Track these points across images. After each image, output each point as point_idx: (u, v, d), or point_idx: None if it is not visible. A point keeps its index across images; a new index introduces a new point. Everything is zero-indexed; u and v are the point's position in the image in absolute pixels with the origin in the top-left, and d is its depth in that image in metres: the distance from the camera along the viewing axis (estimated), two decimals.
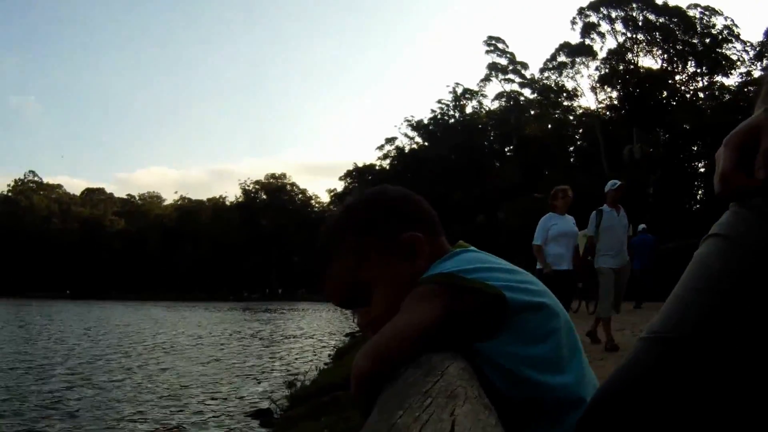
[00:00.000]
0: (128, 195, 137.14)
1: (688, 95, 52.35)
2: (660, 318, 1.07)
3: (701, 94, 52.36)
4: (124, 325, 34.35)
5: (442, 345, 1.16)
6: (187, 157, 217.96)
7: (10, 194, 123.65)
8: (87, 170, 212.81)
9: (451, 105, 78.22)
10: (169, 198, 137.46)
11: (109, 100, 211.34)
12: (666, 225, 41.63)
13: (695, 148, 51.69)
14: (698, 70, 52.25)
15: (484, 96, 75.76)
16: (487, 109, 75.97)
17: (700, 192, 53.19)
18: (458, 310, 1.18)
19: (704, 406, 0.99)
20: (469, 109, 77.87)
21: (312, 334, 28.02)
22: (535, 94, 65.19)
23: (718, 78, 51.90)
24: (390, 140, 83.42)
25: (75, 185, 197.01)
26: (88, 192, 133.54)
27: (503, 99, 72.26)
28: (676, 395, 1.00)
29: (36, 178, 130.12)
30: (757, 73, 49.14)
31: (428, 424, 0.67)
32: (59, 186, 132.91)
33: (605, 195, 9.43)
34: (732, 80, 50.97)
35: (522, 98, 69.37)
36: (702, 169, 52.49)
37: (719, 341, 0.98)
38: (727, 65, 50.57)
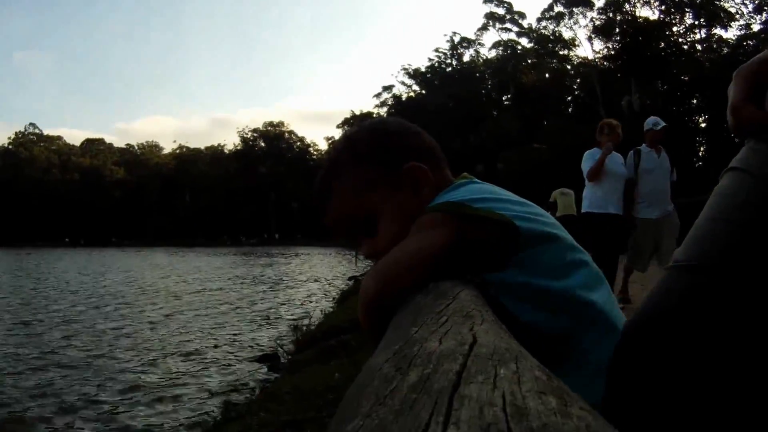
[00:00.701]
0: (127, 144, 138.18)
1: (685, 47, 52.13)
2: (684, 248, 1.10)
3: (699, 47, 52.20)
4: (127, 272, 34.70)
5: (450, 274, 1.13)
6: (187, 106, 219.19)
7: (10, 146, 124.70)
8: (87, 122, 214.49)
9: (448, 53, 78.29)
10: (168, 147, 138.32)
11: (110, 53, 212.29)
12: None
13: (695, 101, 51.64)
14: (696, 22, 51.84)
15: (482, 45, 75.80)
16: (485, 57, 76.07)
17: (702, 149, 53.23)
18: (468, 238, 1.15)
19: (734, 329, 0.99)
20: (466, 58, 78.18)
21: (314, 278, 28.20)
22: (532, 44, 64.96)
23: (717, 31, 51.80)
24: (387, 88, 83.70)
25: (75, 136, 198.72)
26: (88, 142, 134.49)
27: (500, 48, 72.19)
28: (706, 319, 1.00)
29: (36, 131, 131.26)
30: (756, 27, 48.76)
31: (448, 336, 0.63)
32: (59, 137, 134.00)
33: (644, 135, 8.30)
34: (731, 33, 50.79)
35: (519, 47, 69.16)
36: (703, 125, 52.43)
37: (743, 268, 0.99)
38: (725, 18, 50.22)
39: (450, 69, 77.42)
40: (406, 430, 0.37)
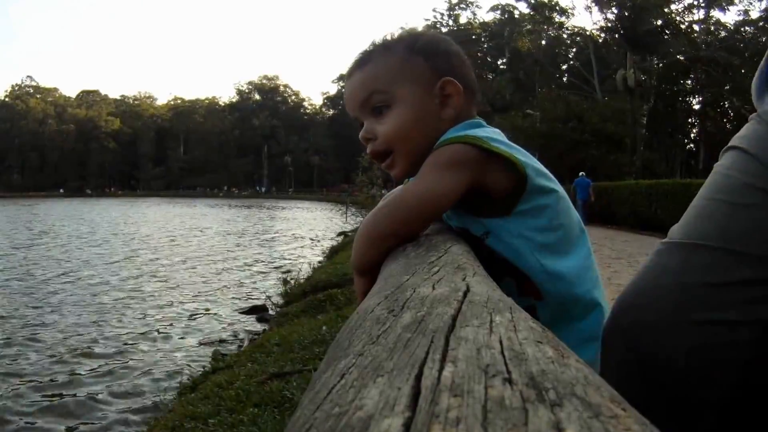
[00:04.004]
0: (122, 96, 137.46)
1: (683, 26, 51.59)
2: (681, 225, 1.08)
3: (696, 27, 51.74)
4: (127, 223, 34.85)
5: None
6: (182, 58, 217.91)
7: (7, 99, 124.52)
8: (83, 73, 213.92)
9: (445, 14, 77.89)
10: (163, 98, 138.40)
11: (109, 7, 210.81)
12: (658, 161, 41.77)
13: (689, 83, 51.44)
14: (694, 2, 51.24)
15: (479, 7, 75.21)
16: (481, 20, 75.75)
17: (694, 130, 53.26)
18: (483, 179, 1.15)
19: (731, 301, 0.98)
20: (463, 20, 77.70)
21: (304, 232, 28.22)
22: (529, 9, 64.36)
23: (715, 13, 51.50)
24: None
25: (71, 88, 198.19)
26: (84, 94, 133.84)
27: (498, 11, 71.66)
28: (702, 293, 0.98)
29: (33, 83, 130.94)
30: (754, 14, 48.39)
31: (441, 283, 0.63)
32: (55, 89, 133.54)
33: None
34: (729, 17, 50.48)
35: (516, 12, 68.58)
36: (696, 106, 52.25)
37: (740, 250, 0.95)
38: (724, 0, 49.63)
39: (446, 30, 77.10)
40: (401, 366, 0.37)
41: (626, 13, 48.02)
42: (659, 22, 49.12)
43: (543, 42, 61.35)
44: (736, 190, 1.04)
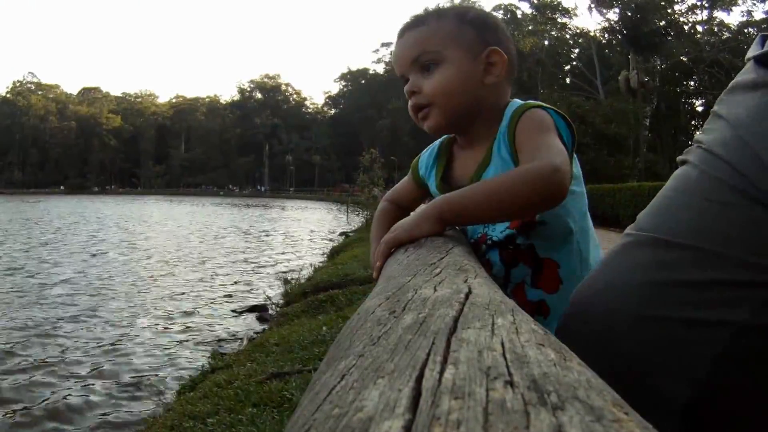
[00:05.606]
0: (123, 93, 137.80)
1: (686, 27, 51.61)
2: (651, 216, 1.06)
3: (699, 28, 51.68)
4: (126, 221, 34.90)
5: None
6: (184, 56, 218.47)
7: (8, 95, 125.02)
8: (85, 70, 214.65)
9: None
10: (165, 96, 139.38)
11: (111, 4, 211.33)
12: (661, 163, 41.81)
13: (692, 84, 51.41)
14: (698, 3, 51.20)
15: (481, 7, 75.77)
16: None
17: (697, 132, 53.37)
18: None
19: (701, 301, 0.96)
20: None
21: (305, 232, 28.21)
22: (532, 10, 64.43)
23: (718, 14, 51.56)
24: (387, 44, 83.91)
25: (72, 85, 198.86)
26: (85, 91, 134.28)
27: (500, 11, 71.76)
28: (672, 291, 0.94)
29: (35, 79, 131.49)
30: (758, 15, 48.38)
31: (443, 285, 0.61)
32: (57, 86, 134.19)
33: None
34: (733, 18, 50.52)
35: (519, 12, 68.67)
36: (699, 108, 52.30)
37: (715, 247, 0.98)
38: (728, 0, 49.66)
39: None
40: (402, 367, 0.36)
41: (629, 14, 48.09)
42: (662, 23, 49.17)
43: (545, 42, 61.43)
44: (708, 187, 1.03)
